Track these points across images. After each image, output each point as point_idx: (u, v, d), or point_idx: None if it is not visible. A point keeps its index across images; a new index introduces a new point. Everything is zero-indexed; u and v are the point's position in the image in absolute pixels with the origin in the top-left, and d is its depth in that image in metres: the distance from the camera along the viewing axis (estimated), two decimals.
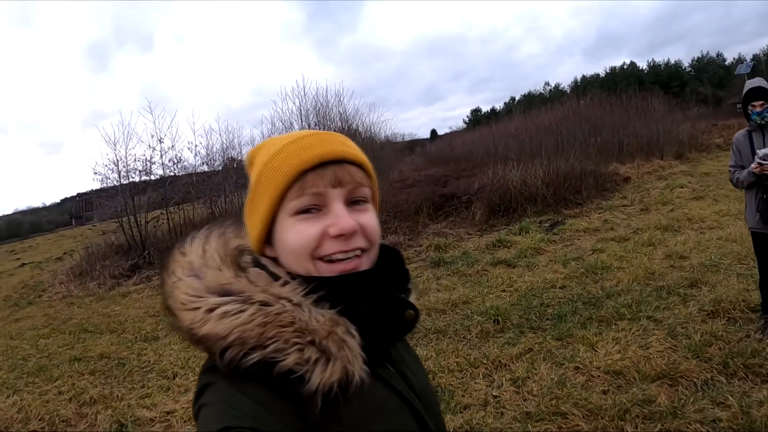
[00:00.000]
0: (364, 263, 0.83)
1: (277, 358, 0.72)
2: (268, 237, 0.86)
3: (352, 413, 0.75)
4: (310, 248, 0.80)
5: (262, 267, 0.86)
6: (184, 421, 4.15)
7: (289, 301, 0.77)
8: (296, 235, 0.81)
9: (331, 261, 0.81)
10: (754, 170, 3.80)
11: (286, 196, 0.81)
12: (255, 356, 0.72)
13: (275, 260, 0.86)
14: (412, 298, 0.91)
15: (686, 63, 54.45)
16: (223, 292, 0.78)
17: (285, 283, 0.80)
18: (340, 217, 0.80)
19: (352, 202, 0.84)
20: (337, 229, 0.79)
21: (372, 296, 0.81)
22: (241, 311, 0.74)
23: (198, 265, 0.83)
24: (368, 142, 22.80)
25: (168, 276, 0.84)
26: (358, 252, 0.82)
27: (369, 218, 0.85)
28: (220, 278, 0.80)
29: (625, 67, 57.52)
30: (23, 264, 20.02)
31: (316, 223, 0.81)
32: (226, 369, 0.72)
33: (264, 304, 0.76)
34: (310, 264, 0.81)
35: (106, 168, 13.99)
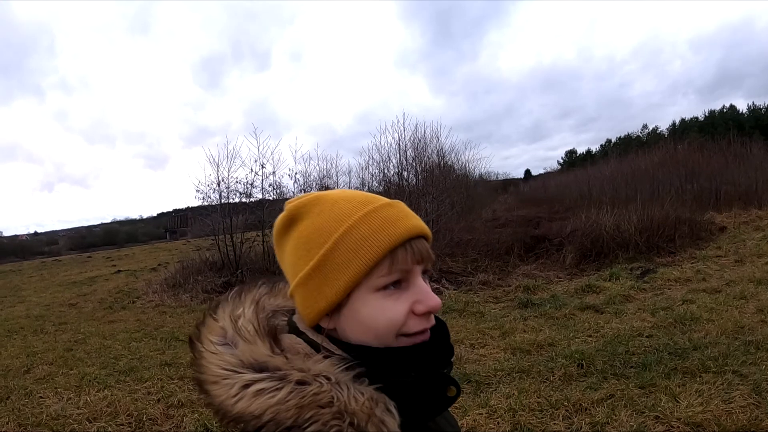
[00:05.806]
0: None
1: None
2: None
3: None
4: (398, 326, 0.76)
5: (299, 334, 0.81)
6: None
7: (327, 379, 0.71)
8: (383, 313, 0.76)
9: (409, 335, 0.78)
10: None
11: (373, 271, 0.76)
12: None
13: (332, 330, 0.81)
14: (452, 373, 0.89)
15: None
16: (259, 368, 0.73)
17: (325, 357, 0.76)
18: (427, 294, 0.78)
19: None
20: (425, 308, 0.77)
21: (415, 371, 0.77)
22: (277, 389, 0.69)
23: (231, 333, 0.79)
24: (462, 179, 22.83)
25: (199, 345, 0.81)
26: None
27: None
28: (255, 352, 0.75)
29: (725, 110, 54.62)
30: (119, 271, 20.30)
31: (402, 300, 0.77)
32: None
33: (301, 382, 0.70)
34: (392, 341, 0.77)
35: (209, 188, 14.02)
